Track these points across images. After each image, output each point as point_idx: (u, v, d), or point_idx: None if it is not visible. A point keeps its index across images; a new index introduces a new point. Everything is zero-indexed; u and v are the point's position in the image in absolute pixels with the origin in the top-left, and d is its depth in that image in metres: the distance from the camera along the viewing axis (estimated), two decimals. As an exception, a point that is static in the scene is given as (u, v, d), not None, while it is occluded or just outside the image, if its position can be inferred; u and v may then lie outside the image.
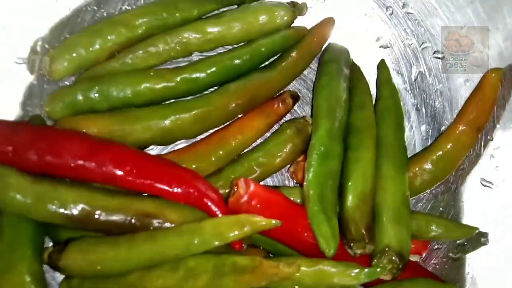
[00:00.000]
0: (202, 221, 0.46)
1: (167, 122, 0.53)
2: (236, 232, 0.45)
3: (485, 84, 0.54)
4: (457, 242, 0.55)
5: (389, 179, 0.51)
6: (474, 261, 0.53)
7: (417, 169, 0.55)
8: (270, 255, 0.52)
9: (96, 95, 0.52)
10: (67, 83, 0.56)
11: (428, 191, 0.57)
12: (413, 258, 0.54)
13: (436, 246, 0.56)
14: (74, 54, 0.53)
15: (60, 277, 0.50)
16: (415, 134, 0.59)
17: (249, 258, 0.45)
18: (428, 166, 0.55)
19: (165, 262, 0.45)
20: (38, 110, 0.54)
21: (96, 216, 0.47)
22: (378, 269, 0.44)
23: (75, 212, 0.46)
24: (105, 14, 0.57)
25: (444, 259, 0.55)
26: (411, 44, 0.59)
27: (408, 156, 0.56)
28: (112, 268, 0.46)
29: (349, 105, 0.55)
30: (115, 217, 0.47)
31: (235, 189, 0.48)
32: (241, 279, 0.44)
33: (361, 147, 0.52)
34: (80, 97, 0.52)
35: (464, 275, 0.53)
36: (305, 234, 0.48)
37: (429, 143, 0.58)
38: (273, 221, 0.45)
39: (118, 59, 0.55)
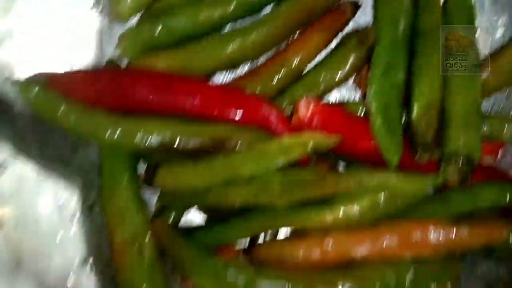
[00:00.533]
0: (268, 142, 0.50)
1: (228, 50, 0.55)
2: (299, 151, 0.48)
3: None
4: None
5: (458, 83, 0.49)
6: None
7: (492, 67, 0.52)
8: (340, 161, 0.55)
9: (160, 31, 0.55)
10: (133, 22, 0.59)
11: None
12: (488, 159, 0.53)
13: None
14: (135, -8, 0.56)
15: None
16: (491, 30, 0.54)
17: (314, 172, 0.48)
18: (504, 63, 0.51)
19: (240, 180, 0.51)
20: (112, 52, 0.59)
21: (177, 143, 0.52)
22: (438, 178, 0.45)
23: (158, 141, 0.52)
24: None
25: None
26: None
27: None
28: (196, 186, 0.52)
29: (413, 8, 0.52)
30: (193, 142, 0.53)
31: (297, 110, 0.50)
32: (308, 190, 0.48)
33: (428, 52, 0.51)
34: (146, 36, 0.55)
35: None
36: (369, 145, 0.50)
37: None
38: (333, 139, 0.47)
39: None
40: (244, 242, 0.55)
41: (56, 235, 0.51)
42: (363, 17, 0.57)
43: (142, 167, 0.57)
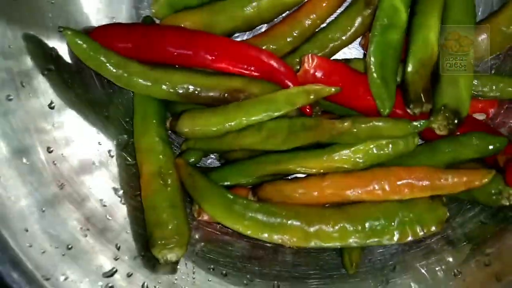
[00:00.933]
0: (276, 92, 0.56)
1: (247, 10, 0.61)
2: (303, 100, 0.54)
3: None
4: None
5: (452, 41, 0.54)
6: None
7: (488, 29, 0.55)
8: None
9: None
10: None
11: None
12: (480, 116, 0.57)
13: (507, 106, 0.57)
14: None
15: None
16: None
17: (313, 118, 0.54)
18: (500, 26, 0.54)
19: (251, 125, 0.57)
20: (148, 11, 0.66)
21: (197, 93, 0.59)
22: (422, 122, 0.50)
23: (182, 90, 0.59)
24: None
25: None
26: None
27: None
28: (213, 131, 0.59)
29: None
30: (211, 93, 0.59)
31: (303, 64, 0.56)
32: (309, 134, 0.55)
33: (426, 12, 0.55)
34: None
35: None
36: (366, 97, 0.55)
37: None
38: (333, 89, 0.53)
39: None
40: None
41: (93, 165, 0.60)
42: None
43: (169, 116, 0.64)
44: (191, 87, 0.59)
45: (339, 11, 0.62)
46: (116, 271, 0.53)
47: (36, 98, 0.55)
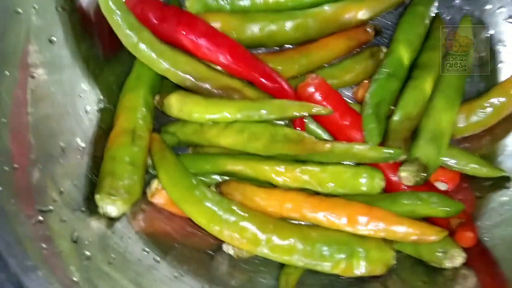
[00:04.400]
0: (271, 98, 0.59)
1: (275, 26, 0.65)
2: (295, 110, 0.56)
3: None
4: (484, 183, 0.60)
5: (437, 109, 0.59)
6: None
7: (467, 111, 0.61)
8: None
9: (224, 1, 0.66)
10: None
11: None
12: (442, 187, 0.61)
13: (465, 185, 0.61)
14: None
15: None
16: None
17: (296, 132, 0.56)
18: (476, 110, 0.61)
19: (237, 122, 0.58)
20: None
21: (195, 79, 0.60)
22: (396, 152, 0.54)
23: (180, 72, 0.60)
24: None
25: (469, 196, 0.61)
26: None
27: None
28: (199, 116, 0.59)
29: (421, 47, 0.64)
30: (208, 85, 0.60)
31: (305, 80, 0.60)
32: (289, 146, 0.56)
33: (421, 78, 0.61)
34: (212, 1, 0.67)
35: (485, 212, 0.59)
36: (351, 130, 0.59)
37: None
38: (324, 111, 0.56)
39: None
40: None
41: (64, 112, 0.58)
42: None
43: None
44: (190, 72, 0.61)
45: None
46: (50, 210, 0.50)
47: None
